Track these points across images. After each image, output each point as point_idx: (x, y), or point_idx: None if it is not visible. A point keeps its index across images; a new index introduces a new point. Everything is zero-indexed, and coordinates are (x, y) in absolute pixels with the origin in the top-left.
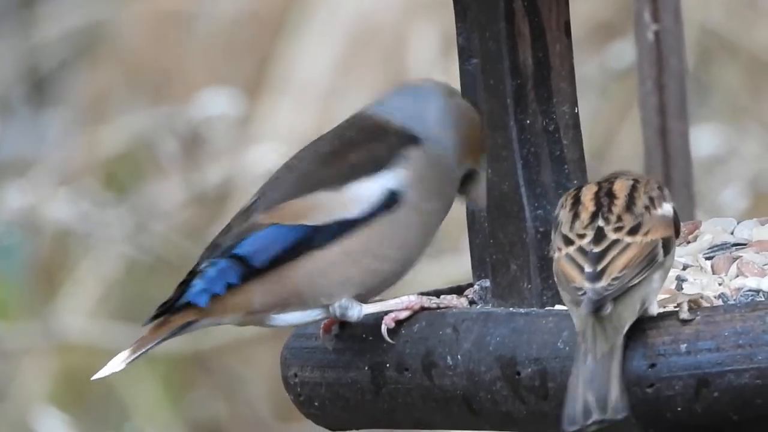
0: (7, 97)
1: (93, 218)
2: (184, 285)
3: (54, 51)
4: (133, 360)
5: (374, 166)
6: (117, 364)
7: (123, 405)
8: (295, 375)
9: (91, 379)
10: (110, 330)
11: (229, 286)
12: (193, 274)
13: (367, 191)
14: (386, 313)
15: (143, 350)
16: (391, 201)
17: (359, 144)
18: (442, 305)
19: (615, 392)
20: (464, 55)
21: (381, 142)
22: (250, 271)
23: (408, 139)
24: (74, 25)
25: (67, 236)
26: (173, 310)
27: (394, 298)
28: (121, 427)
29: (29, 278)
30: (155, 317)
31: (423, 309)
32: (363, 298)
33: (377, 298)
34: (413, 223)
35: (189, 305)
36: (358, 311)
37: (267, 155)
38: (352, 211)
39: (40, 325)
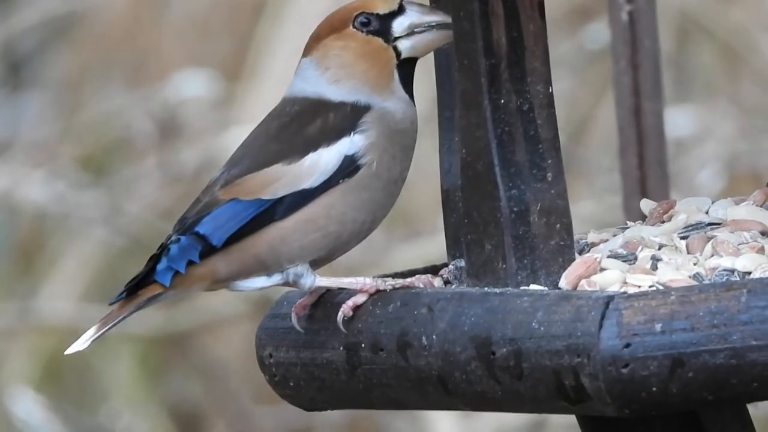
0: None
1: (70, 200)
2: (153, 261)
3: (30, 34)
4: (99, 336)
5: (330, 135)
6: (83, 342)
7: (100, 386)
8: (270, 355)
9: (64, 354)
10: (87, 311)
11: (191, 263)
12: (162, 249)
13: (323, 160)
14: (337, 298)
15: (109, 326)
16: (349, 167)
17: (310, 115)
18: (397, 285)
19: None
20: None
21: (333, 111)
22: (210, 249)
23: (359, 106)
24: (51, 8)
25: (44, 218)
26: (140, 286)
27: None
28: (98, 408)
29: (6, 260)
30: (122, 294)
31: (378, 292)
32: (324, 260)
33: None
34: (374, 186)
35: (154, 282)
36: (311, 281)
37: (245, 135)
38: (310, 181)
39: (17, 307)
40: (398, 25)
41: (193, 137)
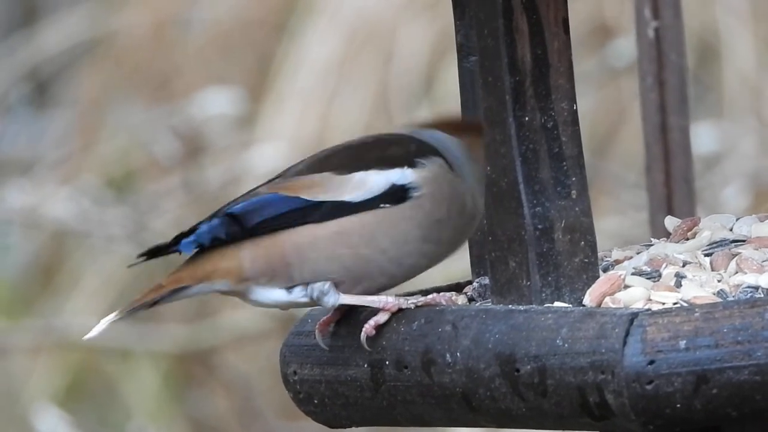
0: (8, 96)
1: (93, 217)
2: (180, 238)
3: (55, 54)
4: (121, 317)
5: (387, 161)
6: (102, 324)
7: (124, 403)
8: (295, 372)
9: (83, 339)
10: (110, 328)
11: (216, 240)
12: (192, 229)
13: (371, 180)
14: (362, 315)
15: (131, 309)
16: (397, 195)
17: (378, 146)
18: (419, 303)
19: None
20: (463, 52)
21: (399, 145)
22: (240, 230)
23: (429, 149)
24: (75, 30)
25: (68, 235)
26: (162, 253)
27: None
28: (123, 425)
29: (30, 277)
30: (143, 256)
31: (400, 311)
32: (347, 286)
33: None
34: (414, 223)
35: (178, 253)
36: (334, 299)
37: (268, 155)
38: (352, 196)
39: (41, 324)
40: None
41: (217, 155)
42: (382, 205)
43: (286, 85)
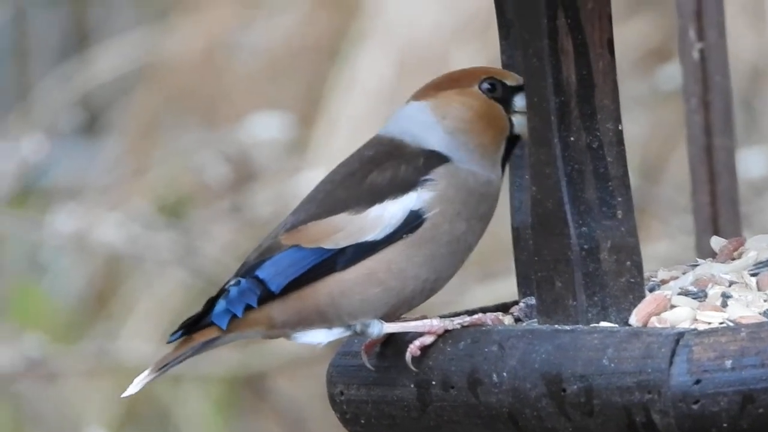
0: (60, 122)
1: (144, 242)
2: (211, 303)
3: (107, 80)
4: (155, 378)
5: (398, 187)
6: (136, 385)
7: (177, 428)
8: (341, 393)
9: (122, 396)
10: (162, 352)
11: (249, 308)
12: (221, 292)
13: (388, 214)
14: (408, 335)
15: (165, 367)
16: (414, 221)
17: (381, 164)
18: (465, 323)
19: None
20: (513, 73)
21: (405, 162)
22: (269, 294)
23: (434, 158)
24: (126, 55)
25: (120, 260)
26: (197, 328)
27: (416, 318)
28: None
29: (83, 302)
30: (178, 332)
31: (446, 332)
32: (388, 315)
33: (408, 315)
34: (437, 243)
35: (212, 324)
36: (379, 329)
37: (319, 179)
38: (374, 234)
39: (94, 348)
40: (519, 101)
41: (267, 180)
42: (403, 236)
43: (337, 110)
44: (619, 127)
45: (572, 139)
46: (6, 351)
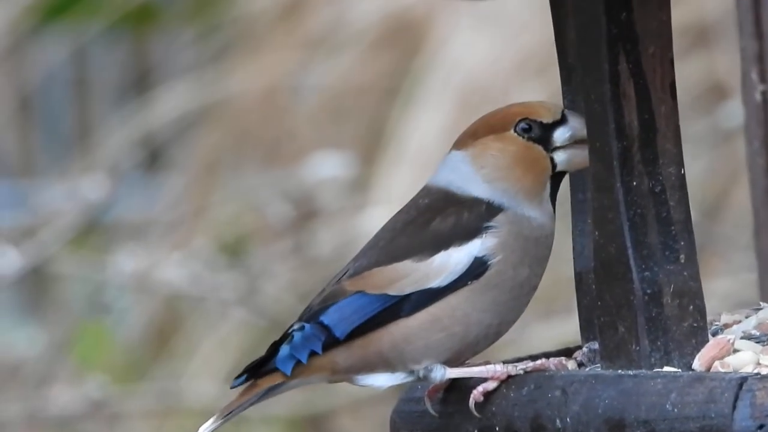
0: (122, 162)
1: (206, 281)
2: (275, 348)
3: (168, 119)
4: (219, 426)
5: (462, 234)
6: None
7: None
8: None
9: None
10: (224, 393)
11: (313, 354)
12: (284, 337)
13: (453, 260)
14: (471, 381)
15: (229, 415)
16: (479, 268)
17: (442, 211)
18: (528, 368)
19: None
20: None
21: (467, 209)
22: (333, 340)
23: (493, 205)
24: (187, 95)
25: (181, 299)
26: (260, 373)
27: (479, 363)
28: None
29: (144, 342)
30: (242, 377)
31: (509, 377)
32: (452, 360)
33: (471, 360)
34: (501, 289)
35: (276, 370)
36: (441, 374)
37: (381, 218)
38: (438, 281)
39: (157, 389)
40: (559, 135)
41: (329, 218)
42: (468, 282)
43: (398, 148)
44: (682, 171)
45: (634, 183)
46: (69, 392)
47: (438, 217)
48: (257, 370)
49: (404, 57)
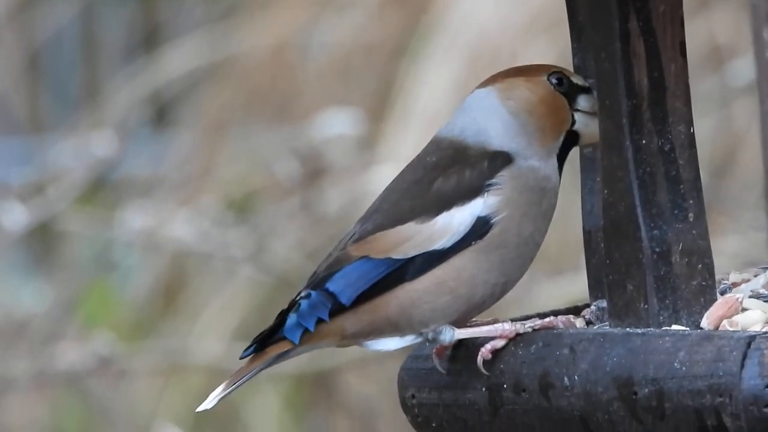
0: (130, 119)
1: (214, 239)
2: (283, 316)
3: (176, 77)
4: (228, 394)
5: (464, 194)
6: (210, 400)
7: (246, 425)
8: (413, 396)
9: (196, 410)
10: (232, 350)
11: (320, 321)
12: (291, 305)
13: (456, 221)
14: (479, 339)
15: (238, 383)
16: (482, 228)
17: (445, 168)
18: (537, 326)
19: None
20: (579, 75)
21: (469, 167)
22: (340, 307)
23: (497, 160)
24: (196, 53)
25: (189, 257)
26: (269, 342)
27: (487, 321)
28: None
29: (151, 299)
30: (251, 348)
31: (518, 336)
32: (459, 320)
33: (479, 317)
34: (506, 247)
35: (284, 338)
36: (450, 335)
37: (389, 176)
38: (442, 242)
39: (163, 346)
40: (583, 101)
41: (337, 176)
42: (472, 242)
43: (407, 106)
44: (691, 130)
45: (644, 142)
46: (76, 349)
47: (441, 177)
48: (266, 341)
49: (413, 15)
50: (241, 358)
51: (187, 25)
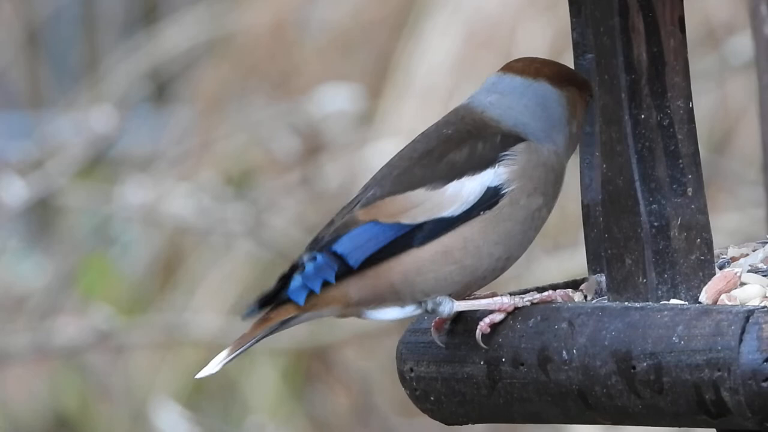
0: (129, 94)
1: (212, 214)
2: (286, 279)
3: (175, 52)
4: (232, 359)
5: (475, 164)
6: (214, 365)
7: (244, 399)
8: (411, 370)
9: (195, 377)
10: (230, 324)
11: (326, 284)
12: (294, 267)
13: (466, 190)
14: (478, 312)
15: (242, 348)
16: (491, 198)
17: (460, 141)
18: (535, 300)
19: None
20: (579, 50)
21: (482, 140)
22: (347, 269)
23: (511, 138)
24: (195, 28)
25: (188, 232)
26: (273, 305)
27: (486, 295)
28: (242, 421)
29: (150, 274)
30: (255, 308)
31: (516, 309)
32: (460, 293)
33: (478, 292)
34: (513, 220)
35: (288, 300)
36: (449, 307)
37: (387, 151)
38: (451, 210)
39: (161, 321)
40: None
41: (336, 151)
42: (480, 212)
43: (405, 82)
44: (690, 105)
45: (643, 116)
46: (75, 323)
47: (454, 148)
48: (268, 302)
49: None
50: (243, 319)
51: (186, 0)
